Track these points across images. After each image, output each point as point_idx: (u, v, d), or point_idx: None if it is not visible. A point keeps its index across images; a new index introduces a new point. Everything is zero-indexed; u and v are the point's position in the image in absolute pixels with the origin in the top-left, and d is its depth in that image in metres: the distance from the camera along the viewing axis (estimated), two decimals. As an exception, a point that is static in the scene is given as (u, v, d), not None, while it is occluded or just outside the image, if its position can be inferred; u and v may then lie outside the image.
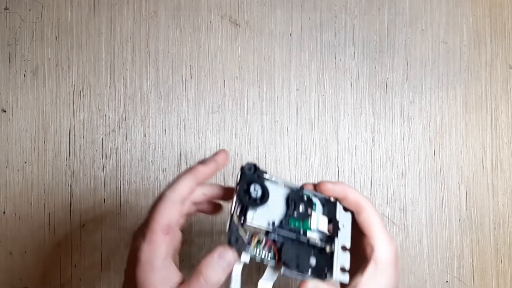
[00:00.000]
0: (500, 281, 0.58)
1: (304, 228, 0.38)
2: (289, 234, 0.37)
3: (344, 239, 0.39)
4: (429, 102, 0.59)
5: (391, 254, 0.38)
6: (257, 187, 0.36)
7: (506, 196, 0.59)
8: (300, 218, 0.37)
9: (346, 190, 0.39)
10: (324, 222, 0.39)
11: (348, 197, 0.39)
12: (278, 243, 0.37)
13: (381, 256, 0.38)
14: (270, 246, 0.37)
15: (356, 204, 0.39)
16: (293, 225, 0.37)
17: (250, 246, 0.36)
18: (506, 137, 0.59)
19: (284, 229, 0.37)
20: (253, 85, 0.58)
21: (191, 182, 0.36)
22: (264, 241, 0.36)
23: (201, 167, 0.37)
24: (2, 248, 0.57)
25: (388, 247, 0.38)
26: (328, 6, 0.59)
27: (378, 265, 0.38)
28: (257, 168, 0.37)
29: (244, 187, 0.36)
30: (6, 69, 0.58)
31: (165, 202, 0.34)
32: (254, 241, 0.36)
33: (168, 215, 0.34)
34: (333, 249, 0.38)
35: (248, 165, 0.37)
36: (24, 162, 0.57)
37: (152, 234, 0.33)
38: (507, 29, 0.60)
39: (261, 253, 0.36)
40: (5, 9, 0.58)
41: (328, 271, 0.37)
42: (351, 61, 0.59)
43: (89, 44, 0.58)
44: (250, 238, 0.36)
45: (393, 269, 0.38)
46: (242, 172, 0.37)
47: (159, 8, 0.59)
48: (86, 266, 0.57)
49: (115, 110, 0.58)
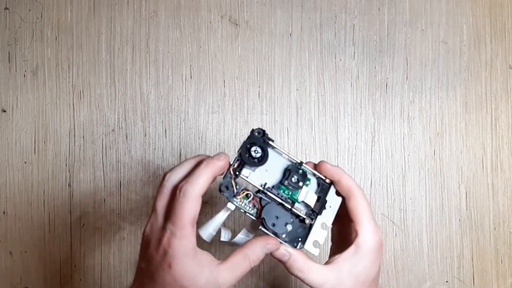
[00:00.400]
0: (500, 281, 0.58)
1: (292, 197, 0.41)
2: (275, 198, 0.40)
3: (327, 218, 0.41)
4: (429, 102, 0.59)
5: (373, 242, 0.40)
6: (259, 149, 0.40)
7: (506, 196, 0.59)
8: (291, 188, 0.40)
9: (341, 174, 0.41)
10: (313, 198, 0.41)
11: (342, 181, 0.41)
12: (263, 203, 0.40)
13: (362, 242, 0.40)
14: (255, 204, 0.40)
15: (348, 189, 0.41)
16: (283, 192, 0.40)
17: (237, 197, 0.39)
18: (506, 137, 0.59)
19: (272, 192, 0.40)
20: (253, 85, 0.58)
21: (210, 177, 0.37)
22: (251, 197, 0.40)
23: (217, 162, 0.38)
24: (2, 248, 0.57)
25: (371, 235, 0.40)
26: (328, 6, 0.59)
27: (358, 249, 0.40)
28: (266, 134, 0.41)
29: (247, 145, 0.40)
30: (6, 69, 0.58)
31: (189, 199, 0.36)
32: (242, 194, 0.39)
33: (193, 210, 0.36)
34: (312, 223, 0.40)
35: (258, 129, 0.40)
36: (24, 162, 0.57)
37: (182, 230, 0.35)
38: (507, 29, 0.60)
39: (245, 206, 0.40)
40: (5, 9, 0.58)
41: (301, 241, 0.40)
42: (351, 61, 0.59)
43: (89, 44, 0.58)
44: (240, 191, 0.39)
45: (373, 257, 0.40)
46: (251, 133, 0.40)
47: (159, 8, 0.59)
48: (86, 266, 0.57)
49: (115, 110, 0.58)
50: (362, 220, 0.40)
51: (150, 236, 0.37)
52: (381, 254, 0.41)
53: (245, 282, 0.57)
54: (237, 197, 0.39)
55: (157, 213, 0.37)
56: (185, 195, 0.36)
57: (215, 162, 0.38)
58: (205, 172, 0.37)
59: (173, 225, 0.35)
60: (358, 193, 0.41)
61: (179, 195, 0.36)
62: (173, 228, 0.35)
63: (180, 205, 0.35)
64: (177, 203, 0.36)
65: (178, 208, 0.35)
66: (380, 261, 0.41)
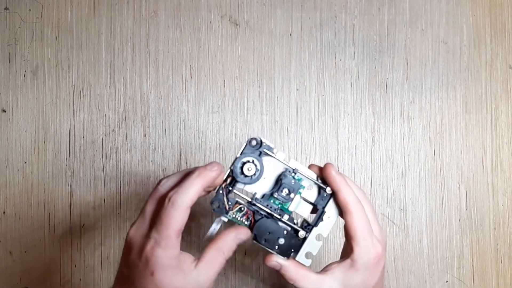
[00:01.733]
0: (500, 281, 0.58)
1: (282, 208, 0.40)
2: (265, 209, 0.39)
3: (323, 229, 0.40)
4: (429, 102, 0.59)
5: (368, 258, 0.39)
6: (252, 166, 0.39)
7: (506, 196, 0.59)
8: (281, 199, 0.40)
9: (340, 186, 0.40)
10: (306, 208, 0.41)
11: (339, 195, 0.40)
12: (257, 216, 0.40)
13: (357, 258, 0.39)
14: (249, 216, 0.40)
15: (344, 204, 0.40)
16: (272, 203, 0.40)
17: (230, 212, 0.39)
18: (506, 137, 0.59)
19: (261, 204, 0.39)
20: (253, 85, 0.58)
21: (200, 188, 0.37)
22: (245, 210, 0.39)
23: (209, 173, 0.37)
24: (2, 248, 0.57)
25: (367, 252, 0.39)
26: (328, 6, 0.59)
27: (354, 264, 0.39)
28: (263, 144, 0.39)
29: (240, 163, 0.38)
30: (6, 69, 0.58)
31: (176, 209, 0.35)
32: (235, 208, 0.39)
33: (180, 220, 0.35)
34: (306, 236, 0.40)
35: (254, 139, 0.39)
36: (24, 162, 0.57)
37: (167, 240, 0.35)
38: (507, 29, 0.60)
39: (239, 219, 0.40)
40: (5, 9, 0.58)
41: (294, 252, 0.40)
42: (351, 61, 0.59)
43: (89, 44, 0.58)
44: (232, 206, 0.39)
45: (369, 271, 0.39)
46: (246, 144, 0.39)
47: (159, 8, 0.59)
48: (86, 266, 0.57)
49: (115, 110, 0.58)
50: (357, 237, 0.39)
51: (133, 240, 0.37)
52: (380, 265, 0.40)
53: (246, 282, 0.57)
54: (229, 212, 0.39)
55: (144, 217, 0.37)
56: (174, 205, 0.35)
57: (207, 173, 0.37)
58: (196, 183, 0.36)
59: (158, 234, 0.35)
60: (355, 210, 0.39)
61: (167, 204, 0.35)
62: (158, 237, 0.35)
63: (168, 214, 0.35)
64: (164, 212, 0.35)
65: (165, 217, 0.35)
66: (379, 271, 0.40)
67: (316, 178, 0.41)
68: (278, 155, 0.40)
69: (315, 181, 0.41)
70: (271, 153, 0.39)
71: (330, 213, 0.41)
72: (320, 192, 0.41)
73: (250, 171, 0.39)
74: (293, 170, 0.40)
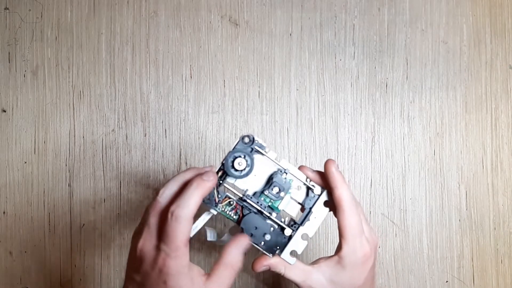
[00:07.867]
0: (500, 281, 0.58)
1: (272, 206, 0.41)
2: (255, 206, 0.40)
3: (309, 229, 0.41)
4: (429, 102, 0.59)
5: (355, 258, 0.40)
6: (243, 161, 0.40)
7: (506, 196, 0.59)
8: (271, 197, 0.41)
9: (337, 183, 0.40)
10: (295, 208, 0.42)
11: (335, 191, 0.41)
12: (245, 210, 0.41)
13: (345, 256, 0.40)
14: (237, 211, 0.41)
15: (338, 202, 0.40)
16: (263, 200, 0.41)
17: (219, 205, 0.40)
18: (506, 137, 0.59)
19: (252, 201, 0.40)
20: (253, 85, 0.58)
21: (199, 199, 0.38)
22: (234, 204, 0.40)
23: (207, 183, 0.38)
24: (2, 248, 0.57)
25: (354, 251, 0.40)
26: (328, 6, 0.59)
27: (341, 261, 0.41)
28: (255, 141, 0.40)
29: (232, 157, 0.40)
30: (6, 69, 0.58)
31: (180, 222, 0.37)
32: (224, 202, 0.40)
33: (185, 232, 0.37)
34: (292, 234, 0.41)
35: (247, 136, 0.40)
36: (24, 162, 0.57)
37: (177, 252, 0.36)
38: (507, 29, 0.60)
39: (227, 213, 0.40)
40: (5, 9, 0.58)
41: (279, 249, 0.41)
42: (351, 61, 0.59)
43: (89, 44, 0.58)
44: (221, 199, 0.40)
45: (357, 270, 0.41)
46: (239, 141, 0.40)
47: (159, 8, 0.59)
48: (86, 266, 0.57)
49: (115, 110, 0.58)
50: (346, 235, 0.40)
51: (144, 252, 0.38)
52: (367, 265, 0.41)
53: (246, 282, 0.57)
54: (219, 205, 0.40)
55: (150, 229, 0.38)
56: (177, 219, 0.36)
57: (204, 184, 0.38)
58: (195, 195, 0.38)
59: (167, 247, 0.36)
60: (347, 208, 0.40)
61: (171, 220, 0.37)
62: (168, 249, 0.36)
63: (173, 229, 0.36)
64: (169, 227, 0.37)
65: (171, 232, 0.36)
66: (367, 271, 0.41)
67: (306, 179, 0.42)
68: (269, 154, 0.41)
69: (304, 182, 0.41)
70: (262, 151, 0.40)
71: (317, 214, 0.41)
72: (309, 193, 0.42)
73: (241, 165, 0.40)
74: (284, 170, 0.41)
